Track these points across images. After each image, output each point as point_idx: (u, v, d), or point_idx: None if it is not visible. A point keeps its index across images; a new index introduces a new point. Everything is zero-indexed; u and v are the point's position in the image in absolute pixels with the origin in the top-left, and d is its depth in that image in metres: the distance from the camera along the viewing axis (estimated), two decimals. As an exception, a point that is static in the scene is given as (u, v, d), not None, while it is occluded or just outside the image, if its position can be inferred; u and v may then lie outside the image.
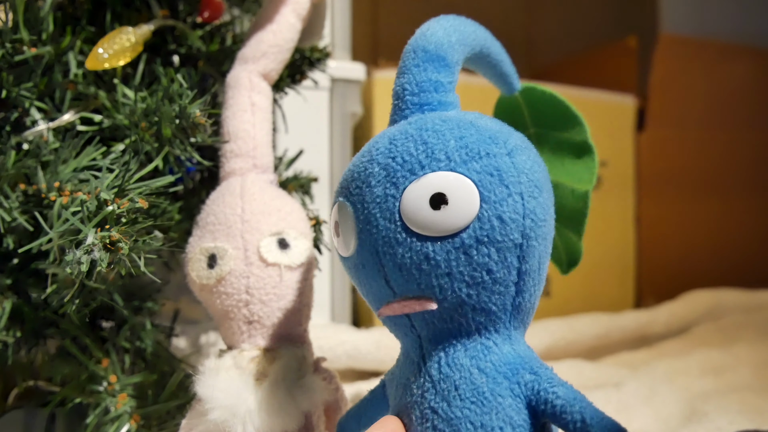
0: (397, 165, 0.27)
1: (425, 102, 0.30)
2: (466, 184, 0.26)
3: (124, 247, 0.31)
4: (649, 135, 1.13)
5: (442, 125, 0.28)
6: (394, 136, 0.28)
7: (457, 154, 0.27)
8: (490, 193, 0.26)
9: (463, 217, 0.26)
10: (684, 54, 1.16)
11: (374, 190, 0.27)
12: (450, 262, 0.26)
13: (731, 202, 1.22)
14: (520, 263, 0.27)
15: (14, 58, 0.38)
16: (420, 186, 0.26)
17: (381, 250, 0.27)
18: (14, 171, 0.36)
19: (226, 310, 0.36)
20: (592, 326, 0.86)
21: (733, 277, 1.14)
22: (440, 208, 0.26)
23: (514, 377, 0.27)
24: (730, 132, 1.22)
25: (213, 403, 0.33)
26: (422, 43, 0.30)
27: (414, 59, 0.30)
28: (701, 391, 0.70)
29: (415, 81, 0.30)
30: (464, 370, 0.27)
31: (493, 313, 0.27)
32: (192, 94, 0.37)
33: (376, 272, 0.28)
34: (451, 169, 0.26)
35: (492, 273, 0.26)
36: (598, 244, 1.08)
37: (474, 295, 0.27)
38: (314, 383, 0.35)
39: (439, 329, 0.28)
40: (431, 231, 0.26)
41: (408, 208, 0.26)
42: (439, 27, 0.31)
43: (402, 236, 0.26)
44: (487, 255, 0.26)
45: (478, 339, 0.27)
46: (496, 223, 0.26)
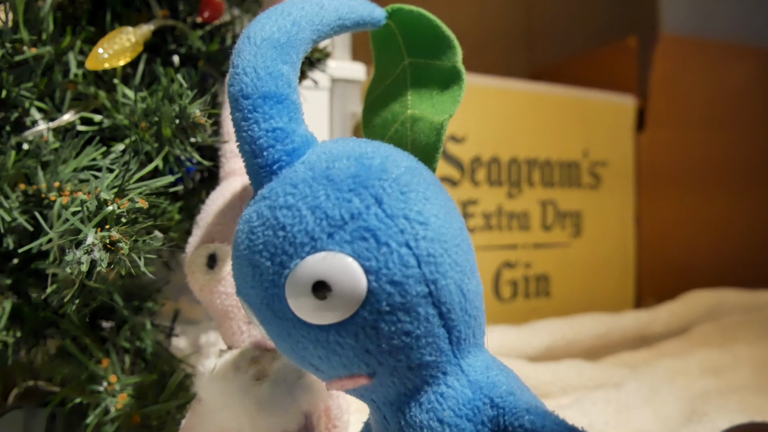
0: (267, 262, 0.24)
1: (274, 161, 0.26)
2: (343, 261, 0.23)
3: (124, 247, 0.31)
4: (649, 135, 1.13)
5: (294, 196, 0.25)
6: (251, 225, 0.25)
7: (319, 228, 0.24)
8: (371, 261, 0.23)
9: (353, 298, 0.23)
10: (684, 54, 1.16)
11: (254, 291, 0.25)
12: (362, 341, 0.24)
13: (731, 202, 1.22)
14: (438, 307, 0.24)
15: (14, 58, 0.38)
16: (297, 280, 0.24)
17: (292, 347, 0.25)
18: (14, 171, 0.36)
19: (226, 310, 0.36)
20: (592, 326, 0.86)
21: (733, 277, 1.14)
22: (327, 297, 0.23)
23: (477, 417, 0.25)
24: (730, 132, 1.22)
25: (213, 404, 0.33)
26: (237, 87, 0.26)
27: (242, 112, 0.26)
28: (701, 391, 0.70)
29: (251, 139, 0.27)
30: (425, 428, 0.25)
31: (431, 362, 0.25)
32: (192, 94, 0.37)
33: (301, 361, 0.26)
34: (318, 249, 0.24)
35: (410, 333, 0.24)
36: (598, 244, 1.08)
37: (403, 359, 0.25)
38: (314, 383, 0.35)
39: (387, 394, 0.26)
40: (326, 321, 0.24)
41: (295, 305, 0.24)
42: (247, 55, 0.27)
43: (304, 331, 0.24)
44: (397, 321, 0.24)
45: (429, 389, 0.25)
46: (390, 289, 0.23)
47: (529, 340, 0.80)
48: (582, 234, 1.07)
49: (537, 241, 1.02)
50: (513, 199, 1.00)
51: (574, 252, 1.06)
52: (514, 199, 1.00)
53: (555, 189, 1.04)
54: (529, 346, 0.80)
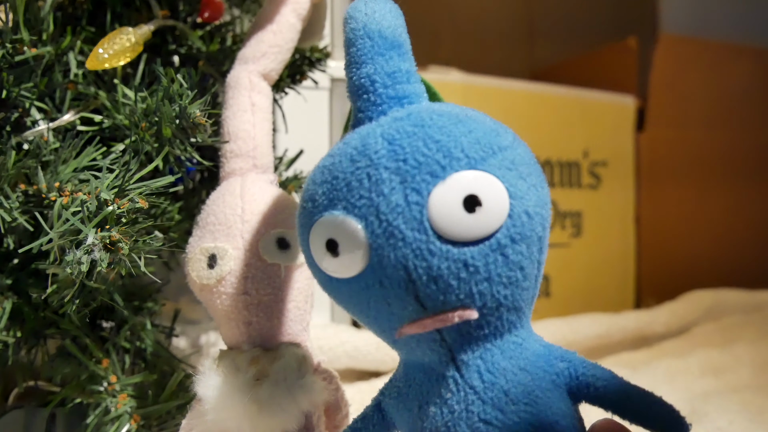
0: (411, 168, 0.24)
1: (402, 95, 0.27)
2: (493, 182, 0.25)
3: (124, 247, 0.31)
4: (649, 135, 1.13)
5: (442, 120, 0.26)
6: (392, 136, 0.25)
7: (473, 150, 0.25)
8: (515, 188, 0.25)
9: (498, 217, 0.24)
10: (684, 54, 1.16)
11: (390, 198, 0.24)
12: (489, 266, 0.25)
13: (731, 202, 1.22)
14: (540, 255, 0.26)
15: (14, 58, 0.38)
16: (448, 189, 0.24)
17: (411, 264, 0.24)
18: (14, 171, 0.36)
19: (226, 310, 0.36)
20: (592, 326, 0.86)
21: (733, 277, 1.14)
22: (475, 211, 0.24)
23: (551, 369, 0.26)
24: (730, 131, 1.22)
25: (213, 404, 0.33)
26: (376, 27, 0.27)
27: (374, 46, 0.27)
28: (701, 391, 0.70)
29: (384, 71, 0.27)
30: (508, 373, 0.26)
31: (522, 309, 0.27)
32: (192, 94, 0.37)
33: (401, 290, 0.25)
34: (473, 167, 0.25)
35: (524, 270, 0.26)
36: (598, 244, 1.08)
37: (509, 295, 0.25)
38: (314, 383, 0.35)
39: (473, 337, 0.26)
40: (468, 236, 0.24)
41: (439, 214, 0.24)
42: (383, 8, 0.28)
43: (436, 246, 0.24)
44: (521, 252, 0.25)
45: (508, 338, 0.26)
46: (524, 219, 0.25)
47: (529, 340, 0.80)
48: (582, 234, 1.07)
49: (537, 241, 1.02)
50: (513, 199, 1.00)
51: (574, 252, 1.06)
52: (514, 199, 1.00)
53: (555, 189, 1.04)
54: (529, 346, 0.80)
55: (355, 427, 0.30)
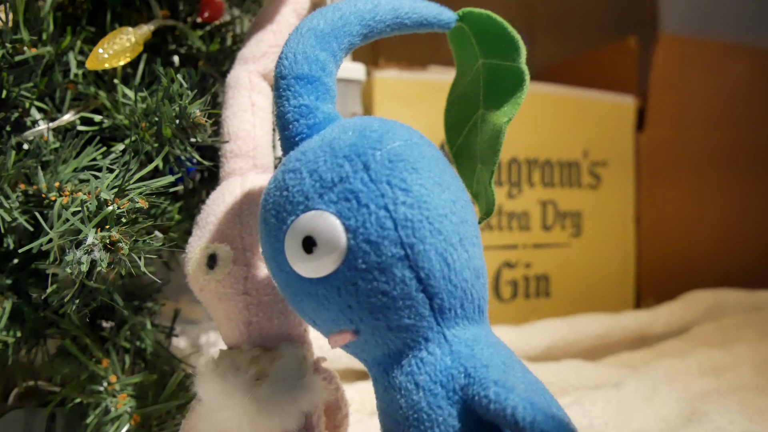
0: (272, 219, 0.28)
1: (297, 133, 0.29)
2: (327, 219, 0.26)
3: (124, 247, 0.31)
4: (649, 135, 1.13)
5: (299, 162, 0.28)
6: (268, 187, 0.29)
7: (313, 189, 0.26)
8: (351, 220, 0.25)
9: (335, 253, 0.26)
10: (684, 54, 1.16)
11: (266, 245, 0.28)
12: (344, 297, 0.26)
13: (732, 202, 1.22)
14: (416, 270, 0.26)
15: (14, 58, 0.38)
16: (291, 234, 0.26)
17: (292, 299, 0.28)
18: (14, 171, 0.36)
19: (226, 310, 0.36)
20: (592, 326, 0.86)
21: (733, 277, 1.14)
22: (312, 251, 0.26)
23: (450, 384, 0.26)
24: (730, 132, 1.22)
25: (213, 404, 0.33)
26: (278, 69, 0.30)
27: (278, 90, 0.30)
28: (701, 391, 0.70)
29: (279, 115, 0.30)
30: (403, 389, 0.27)
31: (412, 326, 0.26)
32: (192, 94, 0.37)
33: (302, 314, 0.29)
34: (309, 208, 0.26)
35: (387, 293, 0.26)
36: (598, 244, 1.08)
37: (381, 318, 0.26)
38: (314, 383, 0.35)
39: (373, 355, 0.28)
40: (314, 274, 0.26)
41: (289, 257, 0.27)
42: (292, 42, 0.30)
43: (298, 284, 0.27)
44: (373, 279, 0.25)
45: (410, 353, 0.27)
46: (366, 248, 0.25)
47: (529, 340, 0.80)
48: (582, 234, 1.07)
49: (537, 241, 1.02)
50: (513, 199, 1.00)
51: (574, 252, 1.06)
52: (514, 199, 1.00)
53: (555, 189, 1.04)
54: (529, 346, 0.80)
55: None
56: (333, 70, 0.31)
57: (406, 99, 0.87)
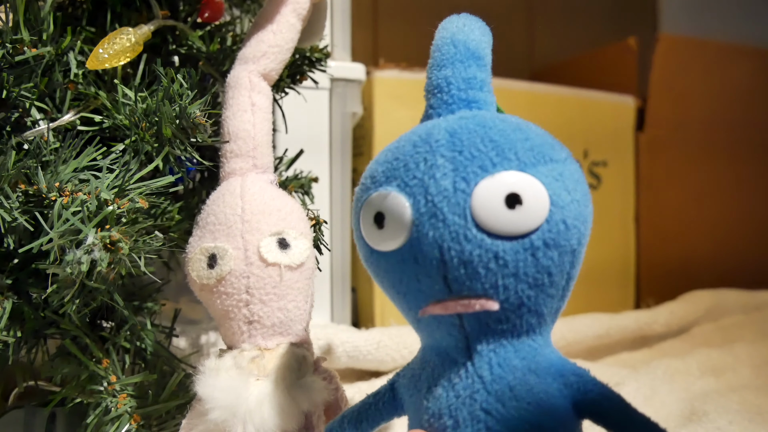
0: (465, 159, 0.26)
1: (473, 99, 0.29)
2: (538, 186, 0.26)
3: (124, 247, 0.31)
4: (649, 135, 1.13)
5: (504, 125, 0.27)
6: (454, 129, 0.27)
7: (526, 156, 0.26)
8: (558, 197, 0.26)
9: (535, 219, 0.26)
10: (684, 54, 1.16)
11: (440, 182, 0.26)
12: (517, 263, 0.26)
13: (731, 202, 1.22)
14: (571, 268, 0.27)
15: (15, 58, 0.38)
16: (494, 184, 0.26)
17: (446, 246, 0.26)
18: (15, 171, 0.36)
19: (226, 310, 0.36)
20: (592, 326, 0.86)
21: (733, 277, 1.14)
22: (515, 208, 0.25)
23: (561, 378, 0.26)
24: (730, 132, 1.21)
25: (213, 403, 0.33)
26: (463, 38, 0.30)
27: (456, 54, 0.30)
28: (701, 391, 0.70)
29: (461, 76, 0.29)
30: (517, 371, 0.26)
31: (543, 315, 0.27)
32: (192, 94, 0.37)
33: (433, 268, 0.26)
34: (521, 169, 0.26)
35: (551, 276, 0.26)
36: (598, 244, 1.08)
37: (533, 297, 0.26)
38: (314, 383, 0.35)
39: (491, 330, 0.27)
40: (504, 231, 0.25)
41: (480, 205, 0.26)
42: (474, 25, 0.31)
43: (472, 233, 0.26)
44: (551, 258, 0.26)
45: (525, 340, 0.27)
46: (561, 227, 0.26)
47: (529, 340, 0.80)
48: (582, 234, 1.06)
49: (537, 241, 1.02)
50: (513, 199, 1.00)
51: (574, 252, 1.05)
52: (514, 199, 1.00)
53: (555, 189, 1.04)
54: (529, 346, 0.80)
55: (366, 402, 0.32)
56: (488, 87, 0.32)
57: (406, 99, 0.87)
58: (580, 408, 0.26)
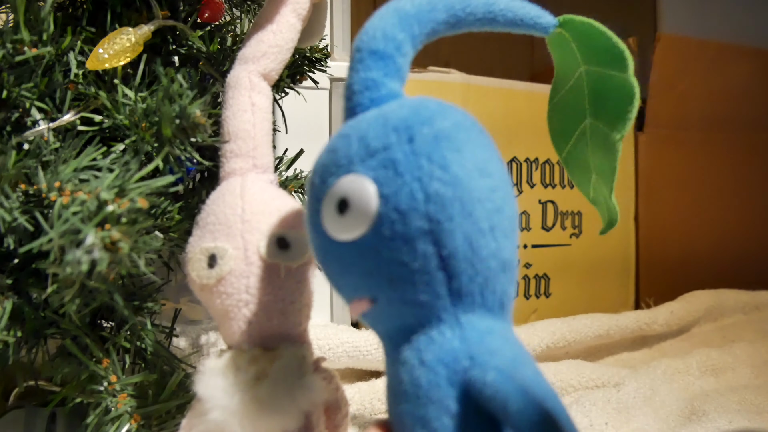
0: (317, 179, 0.28)
1: (357, 103, 0.30)
2: (363, 183, 0.26)
3: (125, 247, 0.31)
4: (649, 135, 1.13)
5: (352, 128, 0.28)
6: (321, 150, 0.29)
7: (357, 154, 0.27)
8: (386, 187, 0.26)
9: (364, 217, 0.26)
10: (684, 54, 1.16)
11: (308, 207, 0.29)
12: (365, 263, 0.26)
13: (731, 202, 1.22)
14: (438, 248, 0.26)
15: (15, 58, 0.38)
16: (329, 196, 0.27)
17: (323, 261, 0.29)
18: (15, 171, 0.36)
19: (226, 310, 0.36)
20: (592, 326, 0.86)
21: (733, 277, 1.14)
22: (344, 213, 0.26)
23: (453, 365, 0.25)
24: (730, 132, 1.22)
25: (213, 403, 0.33)
26: (356, 42, 0.31)
27: (351, 62, 0.30)
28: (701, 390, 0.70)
29: (347, 85, 0.30)
30: (407, 365, 0.27)
31: (426, 303, 0.26)
32: (192, 94, 0.37)
33: (330, 279, 0.29)
34: (350, 171, 0.27)
35: (407, 265, 0.26)
36: (598, 244, 1.08)
37: (398, 289, 0.26)
38: (314, 383, 0.35)
39: (387, 327, 0.28)
40: (342, 236, 0.27)
41: (323, 218, 0.27)
42: (376, 18, 0.31)
43: (327, 245, 0.28)
44: (396, 249, 0.26)
45: (421, 331, 0.27)
46: (395, 216, 0.26)
47: (529, 340, 0.80)
48: (582, 234, 1.07)
49: (537, 242, 1.02)
50: (513, 199, 1.00)
51: (574, 252, 1.05)
52: (514, 199, 1.00)
53: (555, 189, 1.04)
54: (529, 346, 0.80)
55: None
56: (409, 52, 0.31)
57: (406, 99, 0.87)
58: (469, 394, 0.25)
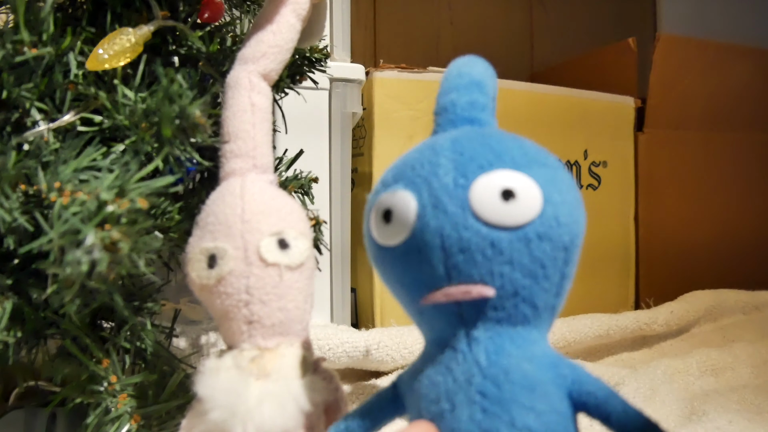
0: (465, 160, 0.29)
1: (475, 118, 0.33)
2: (531, 183, 0.28)
3: (124, 247, 0.31)
4: (649, 135, 1.13)
5: (502, 135, 0.30)
6: (456, 138, 0.30)
7: (521, 159, 0.29)
8: (551, 196, 0.28)
9: (528, 213, 0.28)
10: (684, 54, 1.16)
11: (443, 179, 0.29)
12: (512, 252, 0.28)
13: (731, 202, 1.22)
14: (564, 266, 0.29)
15: (15, 58, 0.38)
16: (491, 179, 0.28)
17: (446, 234, 0.28)
18: (15, 171, 0.36)
19: (226, 310, 0.36)
20: (592, 326, 0.86)
21: (733, 277, 1.14)
22: (509, 201, 0.28)
23: (556, 369, 0.28)
24: (730, 132, 1.22)
25: (213, 403, 0.33)
26: (467, 69, 0.34)
27: (461, 81, 0.33)
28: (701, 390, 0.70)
29: (466, 98, 0.33)
30: (512, 357, 0.28)
31: (538, 308, 0.29)
32: (192, 94, 0.37)
33: (434, 256, 0.29)
34: (516, 168, 0.28)
35: (545, 268, 0.28)
36: (598, 244, 1.08)
37: (527, 286, 0.28)
38: (314, 383, 0.35)
39: (488, 318, 0.29)
40: (499, 222, 0.28)
41: (478, 197, 0.28)
42: (478, 61, 0.35)
43: (470, 221, 0.28)
44: (544, 250, 0.28)
45: (521, 331, 0.29)
46: (553, 223, 0.28)
47: (529, 340, 0.80)
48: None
49: (537, 241, 1.02)
50: (513, 200, 1.00)
51: (574, 252, 1.05)
52: (514, 200, 1.00)
53: (555, 189, 1.04)
54: (529, 346, 0.80)
55: (369, 401, 0.33)
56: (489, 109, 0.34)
57: (406, 99, 0.87)
58: (574, 399, 0.28)
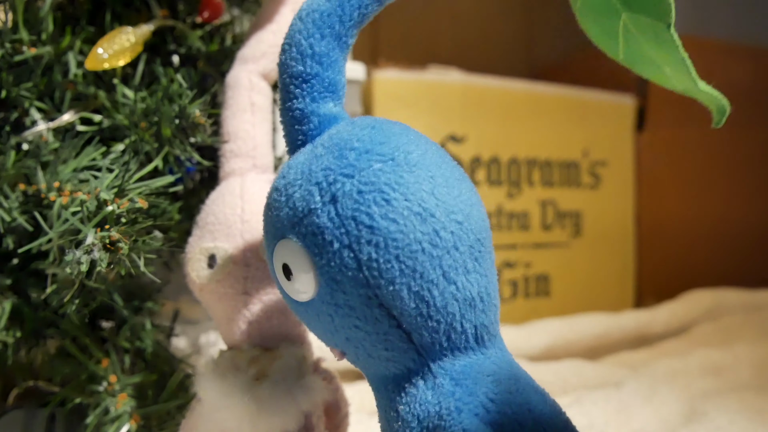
0: (266, 235, 0.27)
1: (293, 140, 0.28)
2: (298, 251, 0.25)
3: (124, 247, 0.31)
4: (649, 135, 1.13)
5: (283, 180, 0.26)
6: (266, 200, 0.28)
7: (287, 218, 0.25)
8: (318, 256, 0.24)
9: (307, 285, 0.25)
10: (684, 54, 1.16)
11: (268, 259, 0.28)
12: (322, 323, 0.25)
13: (731, 202, 1.22)
14: (386, 309, 0.24)
15: (14, 58, 0.38)
16: (275, 258, 0.26)
17: (293, 309, 0.28)
18: (14, 171, 0.36)
19: (226, 311, 0.36)
20: (592, 326, 0.86)
21: (733, 277, 1.14)
22: (290, 279, 0.25)
23: (426, 420, 0.24)
24: (730, 132, 1.21)
25: (212, 404, 0.33)
26: (279, 67, 0.28)
27: (279, 90, 0.28)
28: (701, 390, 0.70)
29: (280, 117, 0.28)
30: (387, 411, 0.26)
31: (392, 357, 0.25)
32: (192, 94, 0.37)
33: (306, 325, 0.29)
34: (284, 236, 0.25)
35: (360, 328, 0.25)
36: (598, 244, 1.08)
37: (360, 347, 0.25)
38: (314, 383, 0.35)
39: (367, 372, 0.27)
40: (298, 298, 0.26)
41: (276, 278, 0.27)
42: (291, 30, 0.28)
43: (288, 300, 0.27)
44: (345, 315, 0.24)
45: (396, 380, 0.26)
46: (334, 286, 0.24)
47: (529, 340, 0.80)
48: (582, 234, 1.07)
49: (537, 241, 1.02)
50: (513, 199, 1.00)
51: (574, 252, 1.05)
52: (513, 199, 1.00)
53: (555, 189, 1.04)
54: (529, 345, 0.80)
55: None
56: (337, 58, 0.28)
57: (406, 99, 0.87)
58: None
